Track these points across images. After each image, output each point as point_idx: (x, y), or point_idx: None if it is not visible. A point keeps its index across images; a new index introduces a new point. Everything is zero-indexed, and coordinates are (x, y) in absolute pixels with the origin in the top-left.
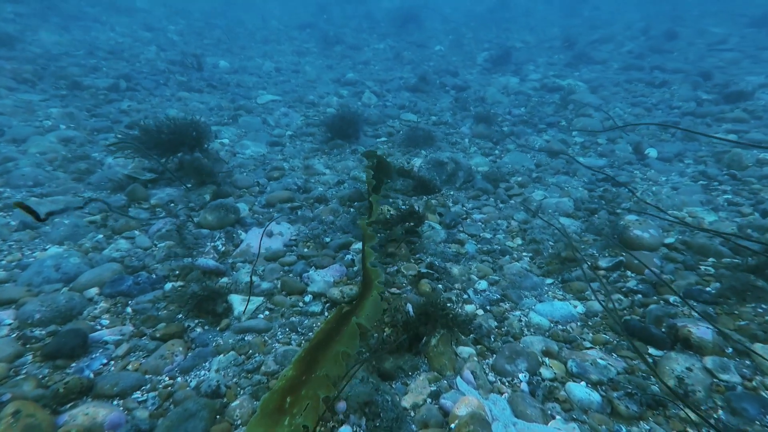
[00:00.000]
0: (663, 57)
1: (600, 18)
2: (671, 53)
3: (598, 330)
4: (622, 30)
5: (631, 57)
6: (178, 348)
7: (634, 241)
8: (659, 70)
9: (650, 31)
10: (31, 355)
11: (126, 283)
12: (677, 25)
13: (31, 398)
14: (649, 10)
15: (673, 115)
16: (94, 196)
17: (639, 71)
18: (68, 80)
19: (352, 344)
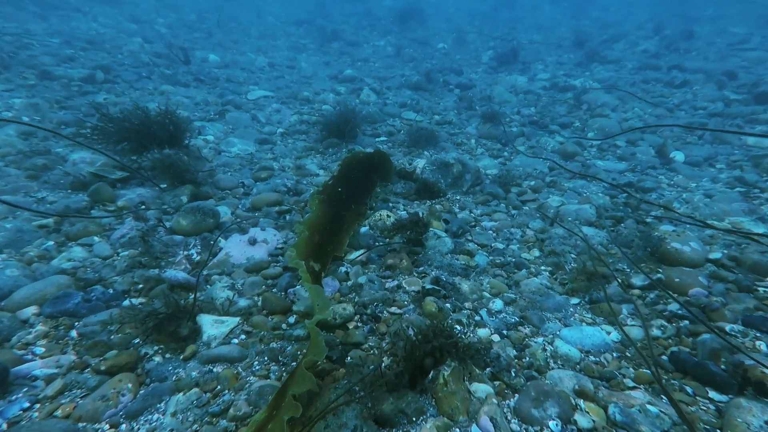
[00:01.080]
0: (681, 56)
1: (609, 18)
2: (689, 53)
3: (640, 364)
4: (633, 29)
5: (646, 56)
6: (126, 384)
7: (673, 256)
8: (678, 69)
9: (663, 30)
10: None
11: (73, 300)
12: (692, 25)
13: None
14: (659, 11)
15: (698, 117)
16: (51, 198)
17: (656, 71)
18: (38, 70)
19: (318, 350)
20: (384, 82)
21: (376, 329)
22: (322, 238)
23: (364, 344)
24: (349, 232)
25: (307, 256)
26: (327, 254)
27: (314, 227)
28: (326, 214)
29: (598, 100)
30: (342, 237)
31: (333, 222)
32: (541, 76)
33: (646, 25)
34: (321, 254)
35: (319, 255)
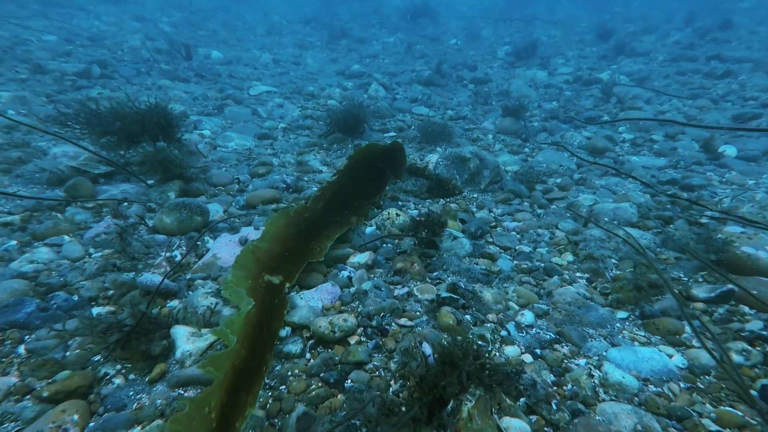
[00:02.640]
0: (719, 47)
1: (632, 13)
2: (729, 42)
3: (719, 398)
4: (662, 22)
5: (679, 48)
6: (71, 416)
7: (745, 263)
8: (718, 60)
9: (695, 22)
10: None
11: (25, 309)
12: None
13: None
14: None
15: (750, 107)
16: (23, 192)
17: (692, 62)
18: (30, 63)
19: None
20: (393, 77)
21: (383, 345)
22: (292, 245)
23: (368, 364)
24: (333, 236)
25: (260, 271)
26: (295, 263)
27: (278, 236)
28: (301, 219)
29: (629, 92)
30: (323, 242)
31: (311, 226)
32: (562, 70)
33: (675, 18)
34: (286, 265)
35: (283, 266)
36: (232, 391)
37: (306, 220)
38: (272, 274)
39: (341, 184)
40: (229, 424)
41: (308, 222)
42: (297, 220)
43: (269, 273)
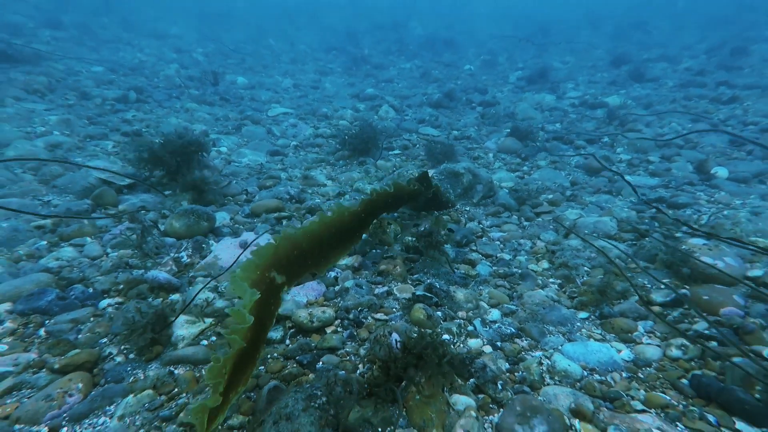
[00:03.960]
0: (731, 74)
1: (651, 41)
2: (741, 69)
3: (654, 386)
4: (679, 50)
5: (689, 74)
6: (76, 384)
7: (703, 271)
8: (726, 86)
9: (714, 50)
10: None
11: (46, 297)
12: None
13: None
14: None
15: (748, 132)
16: (57, 202)
17: (700, 88)
18: (78, 91)
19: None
20: (405, 100)
21: (357, 335)
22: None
23: (341, 349)
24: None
25: (270, 266)
26: (302, 270)
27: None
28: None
29: (630, 115)
30: (332, 259)
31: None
32: (571, 94)
33: (695, 46)
34: (295, 268)
35: (293, 269)
36: (234, 366)
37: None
38: (279, 272)
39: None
40: (227, 393)
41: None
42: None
43: (277, 271)
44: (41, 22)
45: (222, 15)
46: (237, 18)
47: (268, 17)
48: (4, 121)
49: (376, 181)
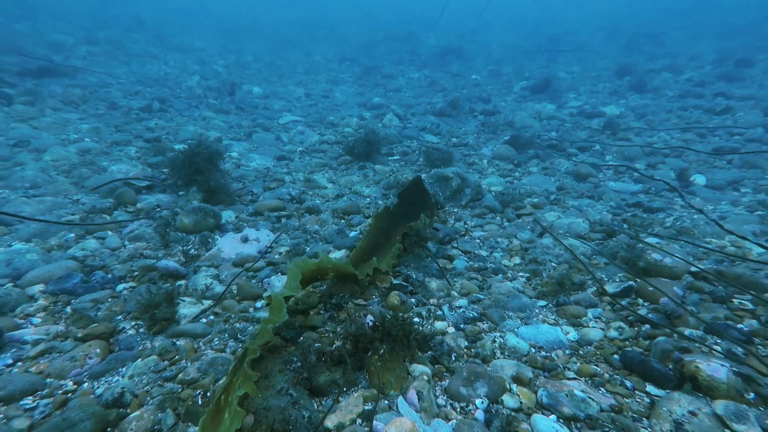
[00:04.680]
0: (731, 84)
1: (661, 52)
2: (742, 80)
3: (589, 360)
4: (686, 60)
5: (689, 85)
6: (95, 350)
7: (653, 267)
8: (723, 96)
9: (720, 61)
10: None
11: (73, 280)
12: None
13: None
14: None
15: (733, 142)
16: (85, 200)
17: (698, 98)
18: (107, 102)
19: (279, 313)
20: (410, 108)
21: (336, 316)
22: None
23: (321, 328)
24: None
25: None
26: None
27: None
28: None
29: (622, 124)
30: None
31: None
32: (572, 104)
33: (704, 57)
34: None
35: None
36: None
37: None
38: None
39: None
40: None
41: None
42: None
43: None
44: (80, 39)
45: (245, 28)
46: (259, 31)
47: (288, 30)
48: (43, 129)
49: (373, 185)
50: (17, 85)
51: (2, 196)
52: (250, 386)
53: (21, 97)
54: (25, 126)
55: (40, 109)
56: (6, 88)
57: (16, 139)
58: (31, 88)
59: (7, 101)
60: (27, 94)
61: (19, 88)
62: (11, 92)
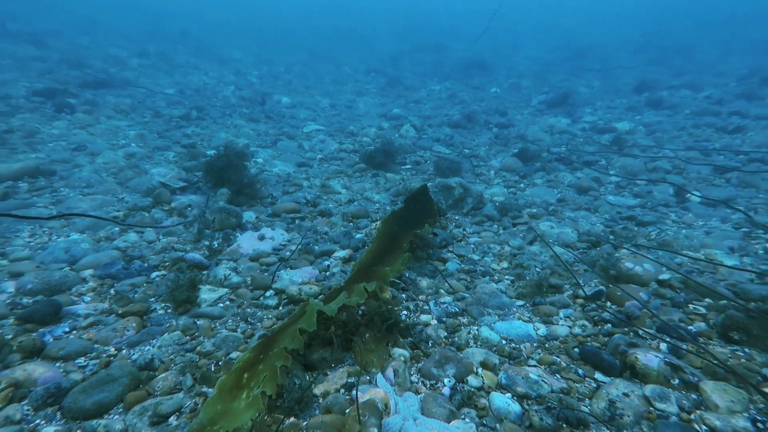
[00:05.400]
0: (750, 103)
1: (688, 67)
2: (762, 99)
3: (552, 353)
4: (712, 77)
5: (708, 102)
6: (132, 324)
7: (624, 274)
8: (738, 115)
9: (746, 78)
10: (12, 319)
11: (116, 267)
12: None
13: None
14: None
15: (735, 161)
16: (128, 199)
17: (713, 116)
18: (153, 110)
19: (310, 323)
20: (427, 120)
21: None
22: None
23: None
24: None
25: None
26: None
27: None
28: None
29: (629, 140)
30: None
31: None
32: (586, 118)
33: (731, 73)
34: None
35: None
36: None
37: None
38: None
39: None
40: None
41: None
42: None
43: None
44: (132, 52)
45: (280, 39)
46: (293, 42)
47: (322, 42)
48: (97, 135)
49: (383, 192)
50: (79, 96)
51: (63, 193)
52: (272, 387)
53: (82, 106)
54: (84, 132)
55: (96, 117)
56: (70, 98)
57: (75, 144)
58: (90, 98)
59: (70, 110)
60: (86, 104)
61: (80, 98)
62: (74, 102)
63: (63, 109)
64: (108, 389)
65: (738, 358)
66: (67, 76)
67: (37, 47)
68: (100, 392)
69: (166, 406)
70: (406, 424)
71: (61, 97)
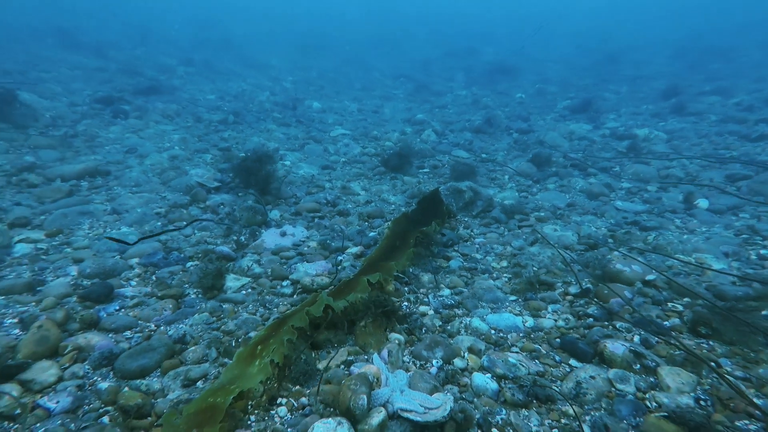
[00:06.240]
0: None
1: (727, 71)
2: None
3: (535, 342)
4: (749, 82)
5: (736, 109)
6: (168, 305)
7: (614, 274)
8: (765, 123)
9: None
10: (75, 297)
11: (157, 257)
12: None
13: (56, 321)
14: None
15: (748, 170)
16: (169, 197)
17: (739, 124)
18: (195, 116)
19: (317, 310)
20: (449, 125)
21: None
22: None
23: None
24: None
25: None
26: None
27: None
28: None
29: (645, 147)
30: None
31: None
32: (609, 124)
33: None
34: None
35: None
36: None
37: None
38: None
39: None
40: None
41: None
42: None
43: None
44: (180, 60)
45: (318, 46)
46: (330, 48)
47: (356, 47)
48: (146, 139)
49: (399, 194)
50: (132, 102)
51: (116, 192)
52: (280, 355)
53: (134, 112)
54: (135, 136)
55: (146, 122)
56: (125, 105)
57: (128, 147)
58: (141, 105)
59: (124, 116)
60: (138, 110)
61: (133, 105)
62: (128, 108)
63: (119, 115)
64: (149, 357)
65: (701, 349)
66: (123, 84)
67: (100, 58)
68: (142, 358)
69: (194, 372)
70: (393, 394)
71: (118, 104)
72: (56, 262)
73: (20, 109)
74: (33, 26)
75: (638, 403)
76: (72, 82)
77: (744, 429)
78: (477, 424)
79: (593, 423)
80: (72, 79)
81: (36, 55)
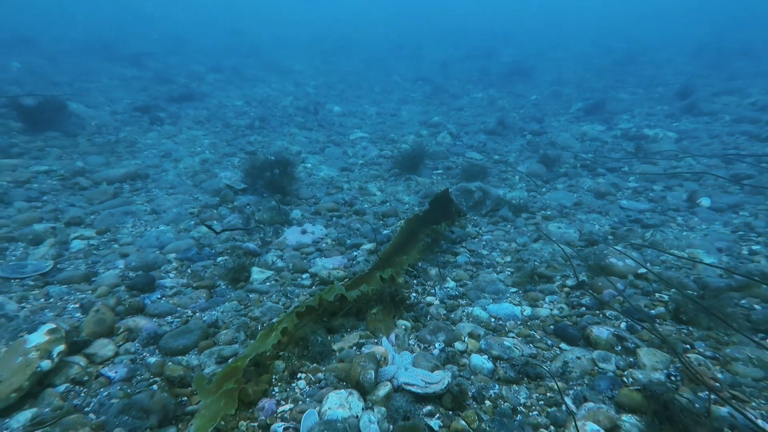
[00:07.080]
0: None
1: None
2: None
3: (531, 328)
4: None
5: (752, 109)
6: (202, 295)
7: (608, 267)
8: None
9: None
10: (123, 287)
11: (191, 252)
12: None
13: (109, 306)
14: None
15: (755, 169)
16: (201, 198)
17: (752, 124)
18: (223, 121)
19: (330, 297)
20: (464, 127)
21: None
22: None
23: None
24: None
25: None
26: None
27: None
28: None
29: (653, 147)
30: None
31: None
32: (622, 125)
33: None
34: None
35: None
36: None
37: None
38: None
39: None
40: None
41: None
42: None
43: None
44: (210, 67)
45: (341, 50)
46: (352, 53)
47: (377, 51)
48: (180, 144)
49: (413, 194)
50: (166, 109)
51: (154, 193)
52: (290, 326)
53: (168, 119)
54: (170, 142)
55: (180, 128)
56: (160, 112)
57: (163, 152)
58: (175, 111)
59: (160, 123)
60: (172, 117)
61: (167, 112)
62: (163, 115)
63: (155, 121)
64: (187, 337)
65: (680, 333)
66: (158, 92)
67: (136, 68)
68: (182, 339)
69: (226, 351)
70: (398, 371)
71: (154, 111)
72: (106, 256)
73: (70, 119)
74: (81, 40)
75: (616, 378)
76: (112, 91)
77: (704, 398)
78: (472, 396)
79: (575, 396)
80: (111, 88)
81: (83, 66)
